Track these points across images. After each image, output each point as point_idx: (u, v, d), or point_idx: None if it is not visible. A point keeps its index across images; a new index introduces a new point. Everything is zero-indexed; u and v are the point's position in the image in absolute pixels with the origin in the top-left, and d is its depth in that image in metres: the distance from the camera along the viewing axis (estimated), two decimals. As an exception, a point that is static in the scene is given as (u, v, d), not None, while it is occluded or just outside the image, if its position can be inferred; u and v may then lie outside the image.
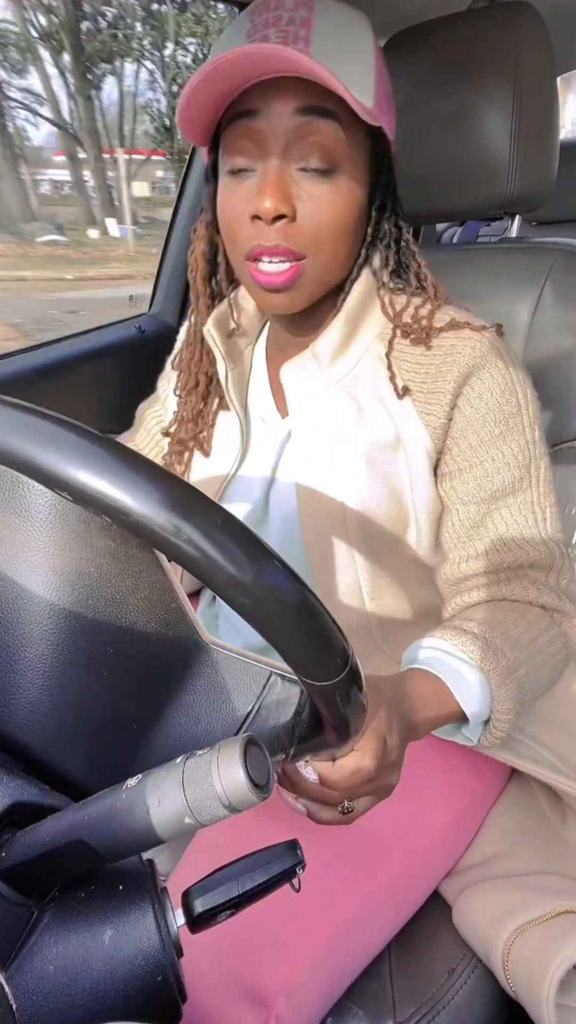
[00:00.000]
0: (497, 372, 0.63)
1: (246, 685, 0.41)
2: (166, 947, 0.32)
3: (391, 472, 0.65)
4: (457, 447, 0.64)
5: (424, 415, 0.63)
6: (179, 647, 0.40)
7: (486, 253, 0.89)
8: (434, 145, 0.83)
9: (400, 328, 0.66)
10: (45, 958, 0.31)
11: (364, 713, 0.37)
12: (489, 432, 0.63)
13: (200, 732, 0.39)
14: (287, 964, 0.53)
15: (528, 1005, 0.55)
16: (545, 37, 0.79)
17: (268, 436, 0.73)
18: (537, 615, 0.63)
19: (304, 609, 0.31)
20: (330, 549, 0.67)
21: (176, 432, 0.79)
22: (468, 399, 0.63)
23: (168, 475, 0.29)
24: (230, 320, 0.73)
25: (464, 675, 0.56)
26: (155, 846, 0.31)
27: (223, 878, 0.34)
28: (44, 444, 0.27)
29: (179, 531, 0.27)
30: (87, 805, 0.31)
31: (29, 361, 0.97)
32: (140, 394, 0.94)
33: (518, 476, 0.64)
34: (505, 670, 0.57)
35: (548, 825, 0.69)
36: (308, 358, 0.67)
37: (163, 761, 0.32)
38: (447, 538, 0.67)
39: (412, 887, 0.63)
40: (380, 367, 0.66)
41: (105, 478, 0.27)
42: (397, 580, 0.70)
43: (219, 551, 0.28)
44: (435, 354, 0.64)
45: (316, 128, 0.56)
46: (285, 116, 0.56)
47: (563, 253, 0.81)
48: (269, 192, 0.57)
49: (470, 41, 0.80)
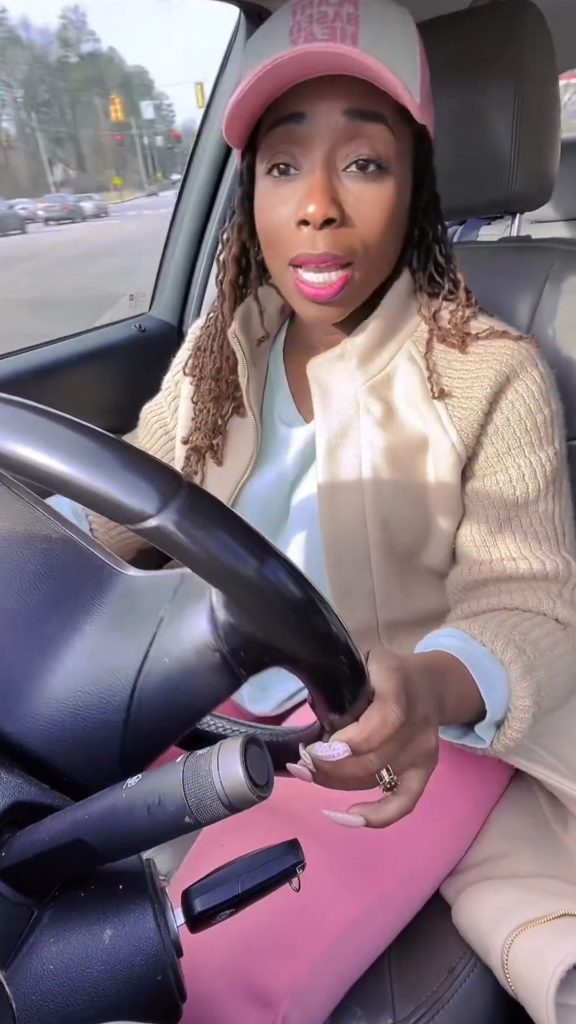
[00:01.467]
0: (532, 383, 0.63)
1: (150, 606, 0.37)
2: (166, 946, 0.32)
3: (417, 475, 0.64)
4: (484, 453, 0.64)
5: (456, 419, 0.63)
6: (77, 576, 0.39)
7: (487, 252, 0.88)
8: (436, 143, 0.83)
9: (437, 331, 0.65)
10: (45, 958, 0.31)
11: (346, 638, 0.35)
12: (518, 440, 0.63)
13: (96, 663, 0.36)
14: (293, 966, 0.53)
15: (528, 1004, 0.55)
16: (547, 36, 0.79)
17: (288, 439, 0.72)
18: (552, 627, 0.62)
19: None
20: (348, 554, 0.66)
21: (192, 439, 0.77)
22: (502, 406, 0.62)
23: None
24: (254, 323, 0.72)
25: (484, 664, 0.54)
26: (155, 845, 0.31)
27: (223, 877, 0.34)
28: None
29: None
30: (87, 804, 0.31)
31: (29, 361, 0.97)
32: (141, 393, 0.94)
33: (542, 486, 0.63)
34: (525, 667, 0.55)
35: (549, 829, 0.69)
36: (339, 356, 0.66)
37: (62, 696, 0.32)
38: (463, 543, 0.66)
39: (415, 888, 0.63)
40: (413, 368, 0.65)
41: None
42: (411, 586, 0.69)
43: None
44: (471, 359, 0.63)
45: (364, 131, 0.55)
46: (332, 118, 0.54)
47: (564, 252, 0.81)
48: (318, 197, 0.54)
49: (472, 40, 0.80)
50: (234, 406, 0.75)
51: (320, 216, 0.54)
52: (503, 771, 0.73)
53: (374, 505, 0.64)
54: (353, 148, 0.55)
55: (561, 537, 0.65)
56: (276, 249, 0.60)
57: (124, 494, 0.28)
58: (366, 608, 0.68)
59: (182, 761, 0.31)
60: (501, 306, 0.82)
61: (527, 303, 0.82)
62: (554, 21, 0.80)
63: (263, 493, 0.73)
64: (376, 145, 0.55)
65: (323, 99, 0.54)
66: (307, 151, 0.56)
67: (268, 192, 0.59)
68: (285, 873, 0.35)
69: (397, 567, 0.67)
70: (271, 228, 0.59)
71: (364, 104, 0.54)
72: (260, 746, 0.32)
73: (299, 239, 0.57)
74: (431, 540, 0.67)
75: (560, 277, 0.80)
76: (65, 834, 0.31)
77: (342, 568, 0.67)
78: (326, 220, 0.55)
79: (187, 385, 0.79)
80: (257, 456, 0.72)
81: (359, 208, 0.56)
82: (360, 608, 0.68)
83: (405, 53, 0.55)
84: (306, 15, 0.54)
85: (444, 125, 0.82)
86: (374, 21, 0.54)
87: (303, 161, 0.56)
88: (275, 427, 0.74)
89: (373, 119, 0.54)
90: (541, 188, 0.84)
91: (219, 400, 0.74)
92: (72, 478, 0.28)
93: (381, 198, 0.57)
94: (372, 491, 0.64)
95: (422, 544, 0.67)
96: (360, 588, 0.67)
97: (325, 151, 0.55)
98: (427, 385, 0.64)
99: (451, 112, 0.81)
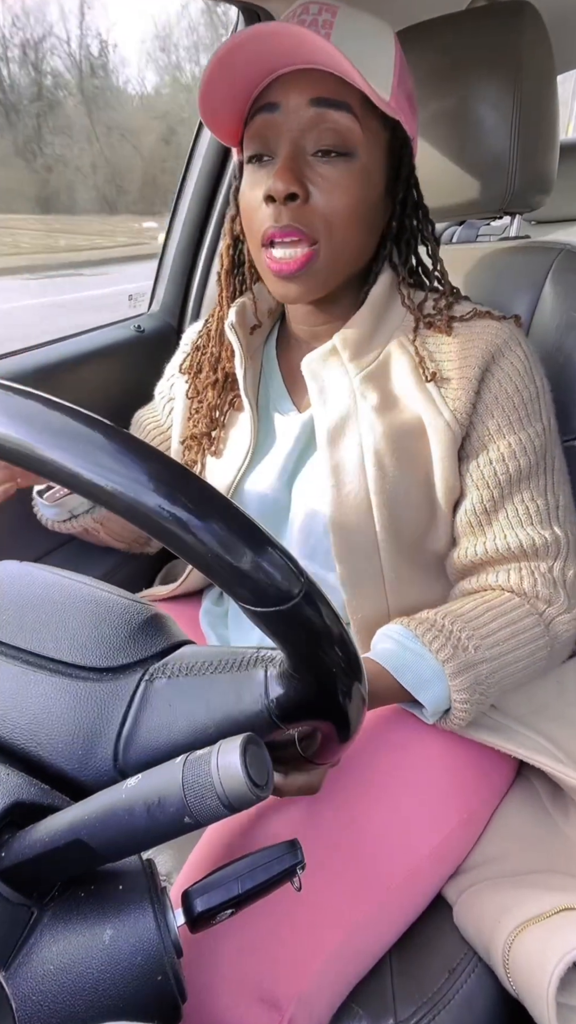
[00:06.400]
0: (517, 359, 0.65)
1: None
2: (166, 947, 0.32)
3: (418, 459, 0.66)
4: (476, 431, 0.65)
5: (449, 399, 0.65)
6: None
7: (486, 252, 0.88)
8: (435, 144, 0.83)
9: (422, 318, 0.68)
10: (45, 958, 0.31)
11: (365, 707, 0.37)
12: (507, 418, 0.65)
13: None
14: (300, 968, 0.52)
15: (529, 1003, 0.55)
16: (545, 37, 0.79)
17: (285, 430, 0.74)
18: (520, 613, 0.64)
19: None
20: (356, 541, 0.67)
21: (190, 429, 0.79)
22: (491, 384, 0.65)
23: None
24: (250, 315, 0.75)
25: (417, 666, 0.61)
26: (155, 846, 0.31)
27: (223, 878, 0.34)
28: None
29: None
30: (86, 804, 0.31)
31: (28, 361, 0.97)
32: (140, 394, 0.94)
33: (534, 462, 0.65)
34: (462, 664, 0.60)
35: (550, 823, 0.69)
36: (331, 350, 0.68)
37: None
38: (459, 523, 0.68)
39: (419, 890, 0.63)
40: (403, 355, 0.68)
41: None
42: (419, 573, 0.70)
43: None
44: (457, 340, 0.66)
45: (329, 118, 0.59)
46: (301, 107, 0.59)
47: (563, 253, 0.81)
48: (281, 173, 0.59)
49: (470, 41, 0.80)
50: (231, 399, 0.77)
51: (283, 190, 0.58)
52: (506, 772, 0.73)
53: (379, 490, 0.65)
54: (319, 134, 0.59)
55: (554, 510, 0.67)
56: (251, 229, 0.64)
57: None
58: (376, 596, 0.69)
59: (182, 761, 0.31)
60: (500, 306, 0.82)
61: (526, 303, 0.82)
62: (552, 22, 0.80)
63: (262, 483, 0.74)
64: (341, 131, 0.59)
65: (294, 90, 0.59)
66: (279, 137, 0.60)
67: (247, 178, 0.64)
68: (285, 873, 0.35)
69: (405, 553, 0.68)
70: (247, 210, 0.64)
71: (330, 93, 0.58)
72: (259, 746, 0.32)
73: (266, 214, 0.61)
74: (436, 523, 0.68)
75: (559, 277, 0.80)
76: (65, 834, 0.31)
77: (351, 556, 0.68)
78: (289, 195, 0.59)
79: (182, 384, 0.82)
80: (254, 446, 0.74)
81: (323, 186, 0.60)
82: (370, 596, 0.69)
83: (374, 52, 0.60)
84: (289, 23, 0.59)
85: (443, 125, 0.82)
86: (347, 26, 0.59)
87: (276, 147, 0.61)
88: (271, 417, 0.76)
89: (338, 107, 0.58)
90: (540, 188, 0.84)
91: (216, 388, 0.77)
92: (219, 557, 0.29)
93: (344, 180, 0.60)
94: (376, 476, 0.65)
95: (427, 527, 0.68)
96: (369, 576, 0.68)
97: (293, 136, 0.60)
98: (419, 370, 0.66)
99: (449, 112, 0.81)
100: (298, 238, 0.60)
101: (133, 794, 0.30)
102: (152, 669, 0.39)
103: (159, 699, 0.38)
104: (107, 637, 0.40)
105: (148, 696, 0.38)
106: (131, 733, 0.37)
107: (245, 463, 0.74)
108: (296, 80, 0.59)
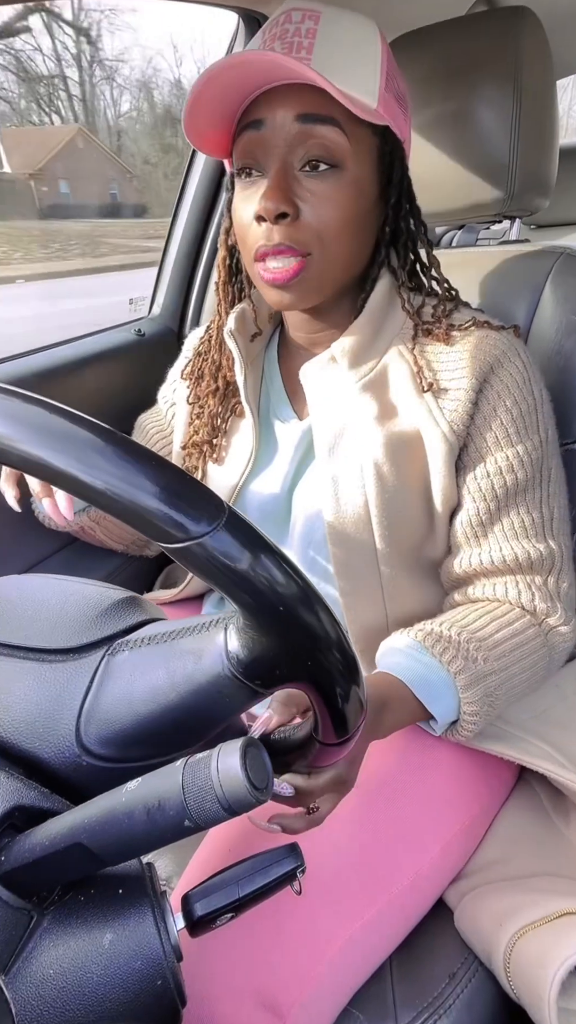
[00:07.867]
0: (516, 371, 0.65)
1: None
2: (166, 951, 0.32)
3: (416, 469, 0.66)
4: (474, 443, 0.65)
5: (446, 410, 0.64)
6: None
7: (486, 256, 0.89)
8: (435, 149, 0.84)
9: (421, 325, 0.68)
10: (44, 962, 0.31)
11: (364, 711, 0.37)
12: (505, 430, 0.64)
13: None
14: (302, 974, 0.52)
15: (530, 1008, 0.55)
16: (544, 42, 0.79)
17: (286, 438, 0.74)
18: (523, 624, 0.64)
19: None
20: (355, 551, 0.67)
21: (191, 435, 0.79)
22: (489, 396, 0.64)
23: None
24: (248, 322, 0.75)
25: (431, 678, 0.60)
26: (155, 849, 0.31)
27: (223, 882, 0.34)
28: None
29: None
30: (86, 808, 0.31)
31: (29, 365, 0.97)
32: (141, 398, 0.94)
33: (530, 474, 0.65)
34: (473, 677, 0.60)
35: (551, 827, 0.69)
36: (330, 359, 0.68)
37: None
38: (456, 533, 0.68)
39: (421, 895, 0.63)
40: (402, 363, 0.67)
41: None
42: (416, 581, 0.70)
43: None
44: (456, 350, 0.66)
45: (316, 132, 0.59)
46: (287, 123, 0.59)
47: (563, 256, 0.81)
48: (271, 193, 0.59)
49: (470, 46, 0.81)
50: (232, 405, 0.77)
51: (273, 211, 0.59)
52: (508, 777, 0.73)
53: (377, 501, 0.65)
54: (306, 149, 0.59)
55: (548, 523, 0.66)
56: (244, 245, 0.64)
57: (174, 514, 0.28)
58: (375, 604, 0.69)
59: (181, 764, 0.31)
60: (500, 309, 0.82)
61: (526, 307, 0.82)
62: (551, 27, 0.81)
63: (264, 490, 0.74)
64: (328, 145, 0.59)
65: (279, 106, 0.59)
66: (267, 153, 0.60)
67: (238, 193, 0.64)
68: (285, 876, 0.35)
69: (404, 562, 0.68)
70: (239, 226, 0.64)
71: (315, 108, 0.58)
72: (259, 749, 0.32)
73: (259, 233, 0.61)
74: (434, 531, 0.68)
75: (559, 281, 0.80)
76: (65, 838, 0.30)
77: (350, 566, 0.68)
78: (280, 215, 0.59)
79: (184, 389, 0.82)
80: (256, 453, 0.74)
81: (313, 201, 0.60)
82: (369, 605, 0.69)
83: (357, 60, 0.60)
84: (272, 33, 0.60)
85: (443, 130, 0.83)
86: (330, 34, 0.59)
87: (264, 163, 0.61)
88: (271, 424, 0.76)
89: (324, 122, 0.58)
90: (540, 192, 0.84)
91: (217, 397, 0.77)
92: (118, 496, 0.28)
93: (333, 193, 0.60)
94: (375, 487, 0.65)
95: (425, 536, 0.68)
96: (368, 585, 0.68)
97: (281, 152, 0.60)
98: (416, 380, 0.66)
99: (449, 117, 0.82)
100: (289, 254, 0.61)
101: (133, 797, 0.30)
102: (116, 644, 0.39)
103: (120, 671, 0.37)
104: (74, 619, 0.40)
105: (110, 669, 0.37)
106: (92, 707, 0.37)
107: (247, 470, 0.74)
108: (281, 96, 0.58)
